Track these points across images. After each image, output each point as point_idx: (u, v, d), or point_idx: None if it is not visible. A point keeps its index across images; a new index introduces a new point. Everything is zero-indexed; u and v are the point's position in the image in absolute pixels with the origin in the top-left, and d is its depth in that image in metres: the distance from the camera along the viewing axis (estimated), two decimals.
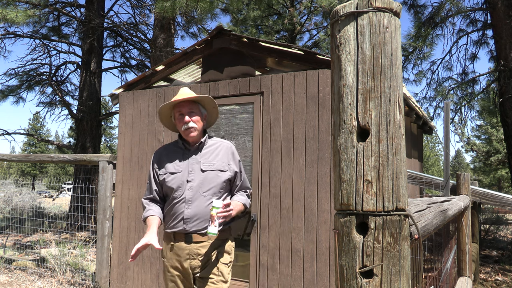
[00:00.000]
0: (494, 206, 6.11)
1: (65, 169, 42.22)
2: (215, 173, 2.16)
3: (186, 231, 2.11)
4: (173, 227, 2.15)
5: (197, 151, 2.21)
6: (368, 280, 0.77)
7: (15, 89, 10.57)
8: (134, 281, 4.13)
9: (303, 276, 3.29)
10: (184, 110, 2.17)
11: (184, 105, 2.18)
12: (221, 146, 2.26)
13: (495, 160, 22.62)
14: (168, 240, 2.20)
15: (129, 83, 4.42)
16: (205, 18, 7.69)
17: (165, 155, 2.26)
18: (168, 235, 2.19)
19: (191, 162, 2.18)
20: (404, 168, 0.81)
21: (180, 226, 2.12)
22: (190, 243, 2.12)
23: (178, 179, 2.15)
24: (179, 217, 2.12)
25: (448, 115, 4.11)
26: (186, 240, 2.13)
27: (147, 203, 2.24)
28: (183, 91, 2.25)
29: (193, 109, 2.18)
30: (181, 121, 2.17)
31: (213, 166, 2.17)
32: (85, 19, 9.61)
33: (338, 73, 0.84)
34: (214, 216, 1.93)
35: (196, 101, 2.23)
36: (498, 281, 5.48)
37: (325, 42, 13.70)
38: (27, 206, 9.40)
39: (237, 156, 2.30)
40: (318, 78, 3.38)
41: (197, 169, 2.16)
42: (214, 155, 2.21)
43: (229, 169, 2.21)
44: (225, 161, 2.21)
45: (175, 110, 2.22)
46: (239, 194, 2.26)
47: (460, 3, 8.56)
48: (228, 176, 2.19)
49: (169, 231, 2.17)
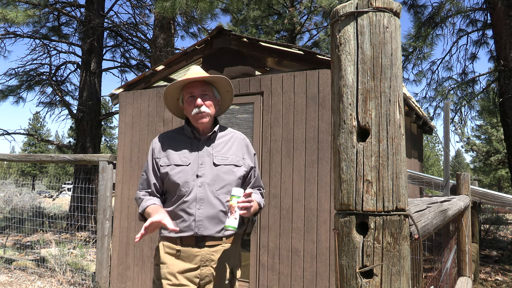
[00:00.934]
0: (494, 206, 6.11)
1: (65, 169, 42.22)
2: (229, 168, 1.85)
3: (197, 235, 1.79)
4: (180, 231, 1.80)
5: (208, 142, 1.89)
6: (368, 280, 0.77)
7: (15, 89, 10.57)
8: (134, 281, 4.13)
9: (303, 276, 3.29)
10: (196, 92, 1.84)
11: (197, 86, 1.85)
12: (234, 138, 1.96)
13: (495, 160, 22.63)
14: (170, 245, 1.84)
15: (129, 83, 4.42)
16: (205, 18, 7.69)
17: (168, 143, 1.91)
18: (172, 239, 1.83)
19: (202, 154, 1.85)
20: (404, 168, 0.81)
21: (190, 230, 1.79)
22: (203, 248, 1.80)
23: (185, 173, 1.81)
24: (189, 219, 1.79)
25: (448, 115, 4.11)
26: (198, 244, 1.80)
27: (144, 195, 1.89)
28: (194, 69, 1.90)
29: (207, 91, 1.86)
30: (191, 104, 1.85)
31: (226, 160, 1.86)
32: (85, 19, 9.61)
33: (338, 73, 0.84)
34: (234, 206, 1.62)
35: (210, 82, 1.91)
36: (498, 281, 5.48)
37: (325, 42, 13.70)
38: (27, 206, 9.40)
39: (252, 149, 2.00)
40: (318, 78, 3.38)
41: (208, 162, 1.84)
42: (228, 148, 1.90)
43: (244, 164, 1.90)
44: (239, 155, 1.91)
45: (185, 91, 1.88)
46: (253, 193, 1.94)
47: (460, 3, 8.56)
48: (243, 172, 1.89)
49: (173, 236, 1.82)
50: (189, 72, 1.90)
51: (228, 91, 1.96)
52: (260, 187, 2.03)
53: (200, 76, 1.83)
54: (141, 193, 1.90)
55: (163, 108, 4.15)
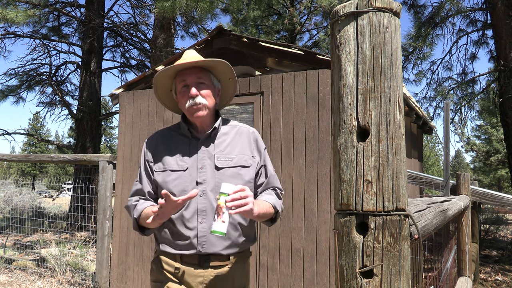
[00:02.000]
0: (494, 206, 6.11)
1: (65, 169, 42.23)
2: (235, 171, 1.54)
3: (201, 253, 1.51)
4: (179, 247, 1.52)
5: (208, 141, 1.59)
6: (368, 280, 0.77)
7: (15, 89, 10.58)
8: (134, 281, 4.13)
9: (303, 276, 3.29)
10: (189, 80, 1.54)
11: (190, 73, 1.54)
12: (240, 132, 1.63)
13: (495, 160, 22.64)
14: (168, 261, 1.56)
15: (129, 83, 4.42)
16: (205, 18, 7.69)
17: (162, 144, 1.61)
18: (170, 255, 1.56)
19: (202, 156, 1.55)
20: (404, 168, 0.81)
21: (191, 247, 1.51)
22: (207, 268, 1.52)
23: (182, 179, 1.52)
24: (190, 234, 1.50)
25: (448, 115, 4.11)
26: (201, 264, 1.51)
27: (137, 200, 1.59)
28: (188, 53, 1.60)
29: (202, 79, 1.55)
30: (185, 95, 1.54)
31: (231, 161, 1.55)
32: (85, 19, 9.62)
33: (338, 73, 0.84)
34: (222, 206, 1.33)
35: (207, 68, 1.59)
36: (498, 281, 5.48)
37: (325, 42, 13.71)
38: (27, 206, 9.40)
39: (262, 144, 1.66)
40: (318, 78, 3.38)
41: (209, 165, 1.54)
42: (232, 146, 1.59)
43: (253, 163, 1.59)
44: (247, 153, 1.59)
45: (178, 79, 1.58)
46: (265, 194, 1.63)
47: (460, 3, 8.56)
48: (253, 173, 1.59)
49: (172, 252, 1.54)
50: (182, 57, 1.58)
51: (230, 78, 1.64)
52: (275, 187, 1.67)
53: (194, 61, 1.51)
54: (133, 198, 1.61)
55: (163, 108, 4.15)
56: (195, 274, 1.51)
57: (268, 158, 1.68)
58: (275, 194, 1.65)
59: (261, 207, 1.45)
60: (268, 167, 1.66)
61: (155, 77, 1.56)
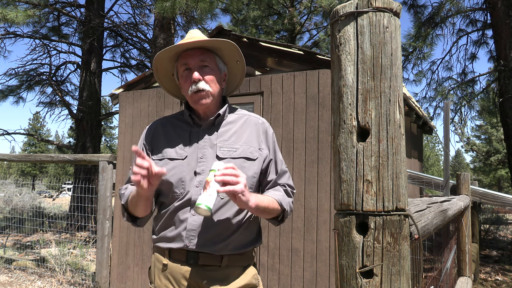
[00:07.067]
0: (494, 206, 6.11)
1: (65, 169, 42.23)
2: (239, 162, 1.37)
3: (188, 248, 1.36)
4: (168, 240, 1.40)
5: (211, 129, 1.44)
6: (368, 280, 0.77)
7: (15, 89, 10.58)
8: (134, 281, 4.13)
9: (303, 276, 3.29)
10: (192, 62, 1.38)
11: (193, 55, 1.38)
12: (248, 122, 1.48)
13: (495, 160, 22.63)
14: (159, 257, 1.45)
15: (129, 83, 4.42)
16: (205, 18, 7.69)
17: (163, 131, 1.49)
18: (160, 250, 1.44)
19: (203, 145, 1.41)
20: (404, 168, 0.81)
21: (179, 240, 1.37)
22: (194, 266, 1.36)
23: (180, 168, 1.39)
24: (180, 226, 1.37)
25: (448, 115, 4.11)
26: (189, 261, 1.37)
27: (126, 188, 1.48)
28: (192, 33, 1.45)
29: (207, 62, 1.40)
30: (187, 80, 1.40)
31: (235, 151, 1.40)
32: (85, 19, 9.62)
33: (338, 73, 0.84)
34: (209, 181, 1.20)
35: (212, 49, 1.43)
36: (498, 281, 5.48)
37: (325, 42, 13.71)
38: (27, 206, 9.40)
39: (272, 136, 1.49)
40: (318, 78, 3.38)
41: (210, 155, 1.39)
42: (238, 135, 1.44)
43: (260, 157, 1.42)
44: (254, 144, 1.43)
45: (179, 62, 1.42)
46: (271, 190, 1.45)
47: (460, 3, 8.56)
48: (259, 167, 1.42)
49: (162, 246, 1.41)
50: (185, 37, 1.44)
51: (238, 61, 1.48)
52: (286, 184, 1.49)
53: (196, 40, 1.35)
54: (123, 186, 1.49)
55: (163, 108, 4.15)
56: (181, 272, 1.37)
57: (279, 153, 1.51)
58: (284, 191, 1.47)
59: (261, 199, 1.29)
60: (278, 163, 1.49)
61: (155, 59, 1.41)
